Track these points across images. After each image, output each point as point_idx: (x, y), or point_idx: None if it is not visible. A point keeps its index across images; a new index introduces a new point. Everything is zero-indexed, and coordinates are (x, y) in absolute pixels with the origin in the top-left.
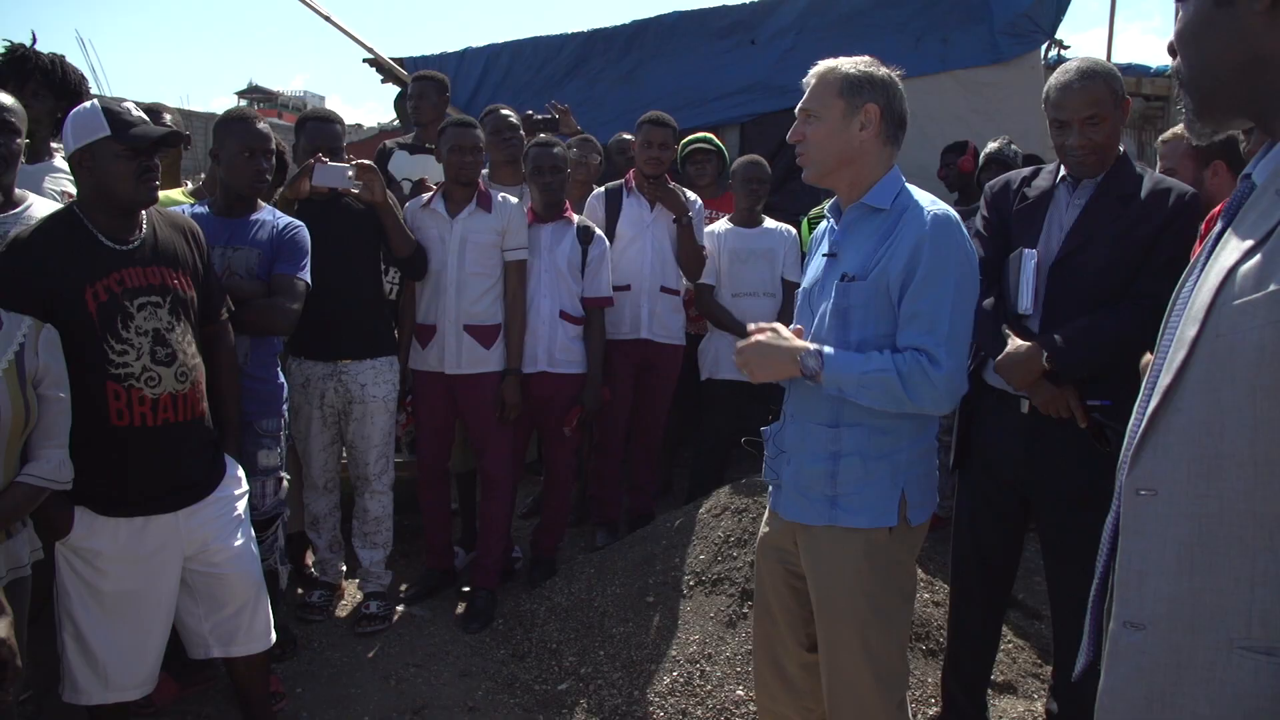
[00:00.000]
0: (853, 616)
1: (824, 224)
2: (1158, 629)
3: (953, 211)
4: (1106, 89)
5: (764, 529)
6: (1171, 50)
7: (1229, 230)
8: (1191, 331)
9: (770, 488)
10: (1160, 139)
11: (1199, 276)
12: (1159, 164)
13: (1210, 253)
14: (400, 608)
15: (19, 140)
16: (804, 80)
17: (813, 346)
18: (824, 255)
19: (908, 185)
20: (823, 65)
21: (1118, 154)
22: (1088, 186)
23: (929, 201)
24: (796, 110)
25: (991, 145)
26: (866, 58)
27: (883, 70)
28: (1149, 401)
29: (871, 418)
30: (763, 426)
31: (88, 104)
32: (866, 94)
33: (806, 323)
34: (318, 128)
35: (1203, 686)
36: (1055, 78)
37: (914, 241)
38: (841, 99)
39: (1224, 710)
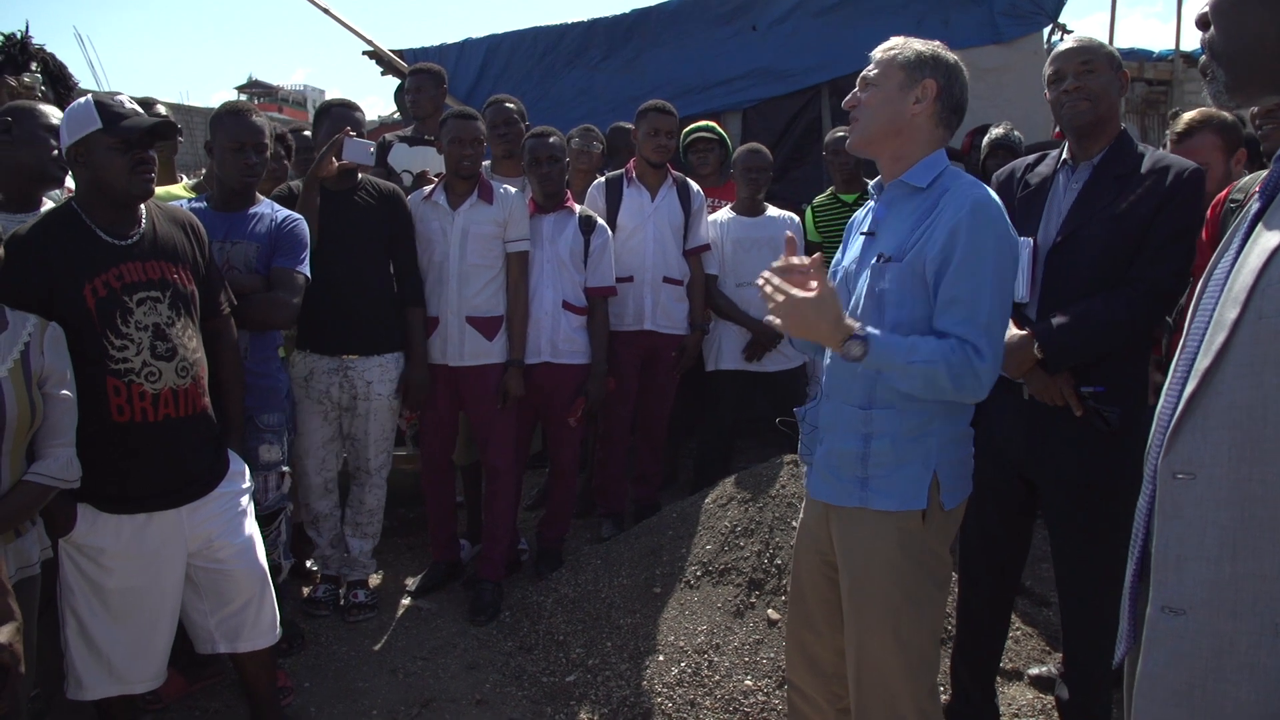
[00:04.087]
0: (885, 605)
1: (867, 204)
2: (1198, 614)
3: (994, 195)
4: (1103, 50)
5: (802, 515)
6: (1202, 23)
7: (1269, 211)
8: (1232, 314)
9: (806, 469)
10: (1176, 131)
11: (1236, 257)
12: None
13: (1247, 233)
14: (406, 601)
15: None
16: (871, 53)
17: (858, 328)
18: (863, 234)
19: (952, 167)
20: (894, 40)
21: (1118, 130)
22: (1085, 169)
23: (971, 184)
24: (858, 79)
25: (995, 131)
26: (938, 42)
27: (952, 55)
28: (1185, 384)
29: (903, 400)
30: (796, 408)
31: (82, 99)
32: (928, 70)
33: (843, 302)
34: (343, 114)
35: (1245, 671)
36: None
37: (952, 224)
38: (902, 71)
39: (1266, 695)
